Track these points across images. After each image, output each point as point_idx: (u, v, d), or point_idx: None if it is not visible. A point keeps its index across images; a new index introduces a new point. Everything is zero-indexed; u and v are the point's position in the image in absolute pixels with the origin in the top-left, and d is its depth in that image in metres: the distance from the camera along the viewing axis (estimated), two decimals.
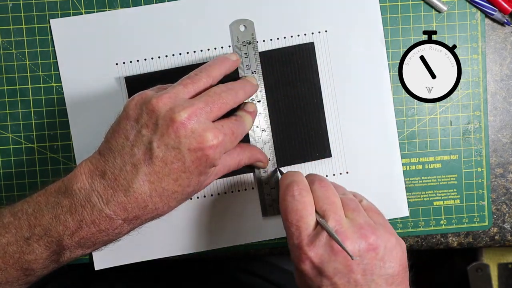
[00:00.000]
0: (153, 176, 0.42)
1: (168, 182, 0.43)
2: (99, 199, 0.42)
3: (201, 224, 0.54)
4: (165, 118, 0.42)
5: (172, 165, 0.42)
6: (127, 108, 0.44)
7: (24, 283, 0.45)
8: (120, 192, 0.42)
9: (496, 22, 0.55)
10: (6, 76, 0.54)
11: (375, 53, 0.54)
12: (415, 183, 0.56)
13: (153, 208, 0.43)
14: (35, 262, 0.43)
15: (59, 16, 0.53)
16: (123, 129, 0.43)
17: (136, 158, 0.42)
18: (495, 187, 0.56)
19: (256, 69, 0.53)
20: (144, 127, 0.43)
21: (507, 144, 0.56)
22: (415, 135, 0.55)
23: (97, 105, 0.53)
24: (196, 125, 0.42)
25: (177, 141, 0.42)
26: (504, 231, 0.56)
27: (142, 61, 0.53)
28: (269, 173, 0.54)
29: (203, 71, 0.46)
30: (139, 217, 0.43)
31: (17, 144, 0.54)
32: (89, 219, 0.42)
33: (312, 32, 0.54)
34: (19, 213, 0.44)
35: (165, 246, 0.54)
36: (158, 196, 0.43)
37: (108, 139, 0.44)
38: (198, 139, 0.42)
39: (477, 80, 0.55)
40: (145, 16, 0.53)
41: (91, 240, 0.43)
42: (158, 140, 0.42)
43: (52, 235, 0.43)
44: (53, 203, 0.43)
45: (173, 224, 0.54)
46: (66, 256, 0.44)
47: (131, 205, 0.42)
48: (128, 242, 0.53)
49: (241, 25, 0.53)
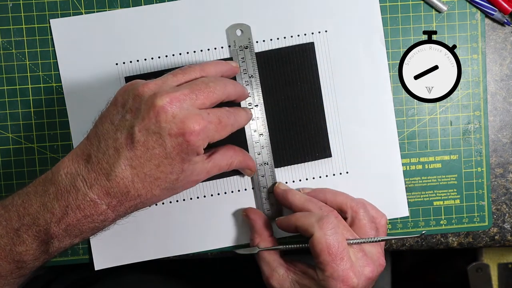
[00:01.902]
0: (134, 161, 0.42)
1: (150, 168, 0.42)
2: (83, 183, 0.42)
3: (201, 224, 0.54)
4: (147, 103, 0.42)
5: (154, 150, 0.42)
6: (117, 94, 0.44)
7: (18, 276, 0.45)
8: (103, 175, 0.42)
9: (496, 22, 0.55)
10: (6, 76, 0.54)
11: (375, 53, 0.54)
12: (415, 183, 0.56)
13: (136, 195, 0.43)
14: (26, 253, 0.44)
15: (59, 16, 0.53)
16: (110, 114, 0.44)
17: (118, 142, 0.42)
18: (495, 187, 0.56)
19: (253, 73, 0.52)
20: (128, 112, 0.43)
21: (507, 144, 0.56)
22: (415, 135, 0.55)
23: (97, 105, 0.53)
24: (177, 110, 0.42)
25: (157, 125, 0.41)
26: (504, 231, 0.56)
27: (142, 61, 0.53)
28: (266, 178, 0.54)
29: (198, 65, 0.46)
30: (122, 203, 0.43)
31: (17, 144, 0.54)
32: (74, 204, 0.42)
33: (312, 32, 0.54)
34: (9, 206, 0.44)
35: (165, 246, 0.54)
36: (140, 182, 0.43)
37: (96, 124, 0.44)
38: (179, 125, 0.42)
39: (477, 80, 0.55)
40: (145, 16, 0.53)
41: (78, 227, 0.43)
42: (139, 125, 0.42)
43: (40, 224, 0.43)
44: (41, 191, 0.43)
45: (173, 224, 0.54)
46: (55, 246, 0.44)
47: (114, 189, 0.42)
48: (128, 242, 0.54)
49: (238, 29, 0.53)
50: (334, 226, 0.46)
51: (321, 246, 0.45)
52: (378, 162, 0.55)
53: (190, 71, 0.45)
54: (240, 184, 0.54)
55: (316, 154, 0.54)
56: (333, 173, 0.55)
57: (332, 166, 0.55)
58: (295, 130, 0.54)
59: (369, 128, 0.54)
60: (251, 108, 0.52)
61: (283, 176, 0.54)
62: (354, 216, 0.50)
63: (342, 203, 0.50)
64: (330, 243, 0.45)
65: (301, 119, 0.54)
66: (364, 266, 0.46)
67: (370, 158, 0.55)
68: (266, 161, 0.53)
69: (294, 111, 0.54)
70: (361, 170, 0.55)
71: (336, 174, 0.55)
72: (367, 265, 0.47)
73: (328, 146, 0.54)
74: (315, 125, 0.54)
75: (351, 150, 0.55)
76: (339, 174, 0.55)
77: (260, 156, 0.53)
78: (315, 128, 0.54)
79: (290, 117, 0.54)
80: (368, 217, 0.50)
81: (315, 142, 0.54)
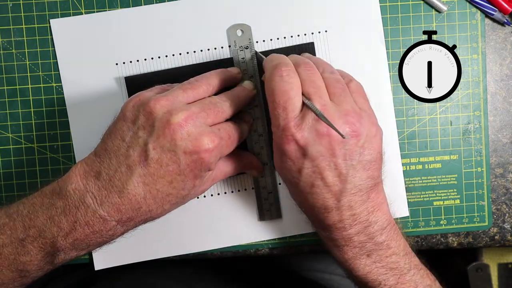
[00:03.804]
0: (147, 178, 0.42)
1: (163, 184, 0.42)
2: (93, 200, 0.42)
3: (201, 224, 0.54)
4: (162, 120, 0.42)
5: (167, 167, 0.42)
6: (125, 109, 0.44)
7: (20, 284, 0.45)
8: (115, 193, 0.42)
9: (496, 22, 0.55)
10: (6, 76, 0.54)
11: (375, 53, 0.54)
12: (415, 183, 0.56)
13: (147, 210, 0.43)
14: (30, 263, 0.43)
15: (59, 16, 0.53)
16: (119, 130, 0.43)
17: (131, 160, 0.42)
18: (495, 187, 0.56)
19: (254, 74, 0.52)
20: (140, 128, 0.43)
21: (507, 144, 0.56)
22: (415, 135, 0.55)
23: (97, 105, 0.53)
24: (192, 128, 0.42)
25: (172, 143, 0.42)
26: (504, 231, 0.56)
27: (142, 61, 0.53)
28: (266, 178, 0.54)
29: (204, 78, 0.46)
30: (133, 219, 0.43)
31: (17, 144, 0.54)
32: (83, 220, 0.42)
33: (312, 32, 0.54)
34: (14, 215, 0.44)
35: (165, 246, 0.54)
36: (152, 198, 0.43)
37: (105, 140, 0.44)
38: (194, 142, 0.42)
39: (477, 80, 0.55)
40: (145, 16, 0.53)
41: (85, 241, 0.43)
42: (154, 142, 0.42)
43: (46, 237, 0.43)
44: (47, 204, 0.43)
45: (173, 225, 0.54)
46: (60, 257, 0.44)
47: (125, 206, 0.42)
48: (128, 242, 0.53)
49: (238, 29, 0.53)
50: (288, 74, 0.44)
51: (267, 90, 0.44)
52: None
53: (198, 86, 0.45)
54: (240, 184, 0.54)
55: None
56: None
57: None
58: None
59: None
60: (251, 108, 0.52)
61: None
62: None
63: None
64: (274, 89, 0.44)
65: None
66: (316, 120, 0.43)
67: None
68: (266, 161, 0.53)
69: None
70: None
71: None
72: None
73: None
74: None
75: None
76: None
77: (260, 157, 0.53)
78: None
79: None
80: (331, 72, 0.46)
81: None
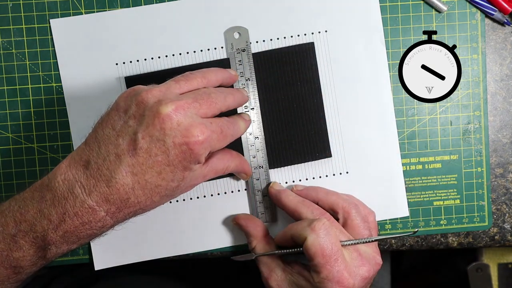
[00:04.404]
0: (136, 168, 0.42)
1: (152, 175, 0.42)
2: (82, 189, 0.42)
3: (201, 224, 0.54)
4: (152, 109, 0.42)
5: (156, 157, 0.42)
6: (118, 99, 0.44)
7: (15, 281, 0.45)
8: (103, 182, 0.42)
9: (496, 22, 0.55)
10: (6, 76, 0.54)
11: (375, 53, 0.54)
12: (415, 183, 0.56)
13: (136, 202, 0.43)
14: (23, 259, 0.43)
15: (59, 16, 0.53)
16: (111, 119, 0.43)
17: (120, 149, 0.42)
18: (495, 187, 0.56)
19: (250, 76, 0.52)
20: (131, 118, 0.42)
21: (507, 144, 0.56)
22: (415, 135, 0.55)
23: (97, 105, 0.53)
24: (182, 119, 0.42)
25: (162, 133, 0.41)
26: (504, 231, 0.56)
27: (142, 61, 0.53)
28: (261, 181, 0.54)
29: (199, 72, 0.46)
30: (122, 210, 0.43)
31: (17, 144, 0.54)
32: (71, 211, 0.42)
33: (312, 32, 0.54)
34: (6, 211, 0.44)
35: (165, 246, 0.54)
36: (141, 189, 0.42)
37: (96, 129, 0.44)
38: (184, 133, 0.41)
39: (477, 80, 0.55)
40: (145, 16, 0.53)
41: (75, 234, 0.43)
42: (143, 131, 0.41)
43: (37, 230, 0.42)
44: (37, 197, 0.43)
45: (172, 225, 0.54)
46: (52, 252, 0.44)
47: (113, 196, 0.42)
48: (128, 242, 0.54)
49: (236, 32, 0.53)
50: (326, 228, 0.46)
51: (314, 248, 0.45)
52: (378, 162, 0.55)
53: (192, 78, 0.45)
54: (240, 185, 0.54)
55: (316, 154, 0.54)
56: (333, 173, 0.55)
57: (332, 166, 0.55)
58: (295, 130, 0.54)
59: (369, 128, 0.54)
60: (247, 111, 0.52)
61: (283, 176, 0.54)
62: (346, 217, 0.49)
63: (333, 204, 0.50)
64: (323, 245, 0.45)
65: (301, 119, 0.54)
66: (360, 266, 0.46)
67: (370, 158, 0.55)
68: (261, 164, 0.53)
69: (294, 111, 0.54)
70: (361, 170, 0.55)
71: (336, 174, 0.55)
72: (362, 265, 0.46)
73: (328, 146, 0.54)
74: (315, 125, 0.54)
75: (351, 150, 0.55)
76: (339, 174, 0.55)
77: (255, 159, 0.53)
78: (315, 128, 0.54)
79: (290, 117, 0.54)
80: (360, 217, 0.49)
81: (315, 142, 0.54)
